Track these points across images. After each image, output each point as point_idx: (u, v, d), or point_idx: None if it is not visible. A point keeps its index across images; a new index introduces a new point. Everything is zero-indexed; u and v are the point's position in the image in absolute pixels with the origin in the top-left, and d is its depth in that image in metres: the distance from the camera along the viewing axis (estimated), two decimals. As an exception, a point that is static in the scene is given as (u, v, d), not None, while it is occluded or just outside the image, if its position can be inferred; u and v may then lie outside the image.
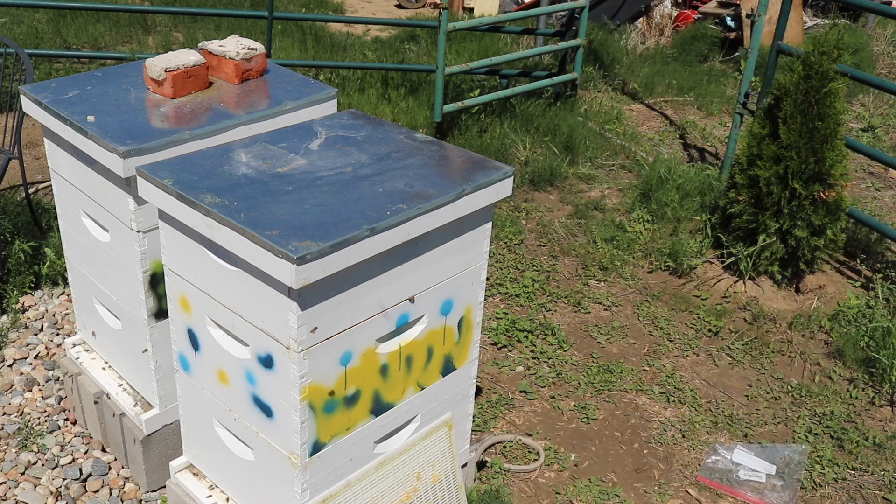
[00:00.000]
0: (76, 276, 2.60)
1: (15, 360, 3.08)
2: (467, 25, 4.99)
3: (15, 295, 3.35)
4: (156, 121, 2.17)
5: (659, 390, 3.19)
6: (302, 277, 1.59)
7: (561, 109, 5.41)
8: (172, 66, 2.27)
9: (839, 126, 3.54)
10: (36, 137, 4.79)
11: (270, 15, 5.17)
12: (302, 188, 1.83)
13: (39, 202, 3.94)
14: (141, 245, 2.17)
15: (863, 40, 7.16)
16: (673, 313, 3.66)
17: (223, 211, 1.71)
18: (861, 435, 2.98)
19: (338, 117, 2.26)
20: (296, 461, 1.86)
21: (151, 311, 2.27)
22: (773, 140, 3.63)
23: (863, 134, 5.76)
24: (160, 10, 6.00)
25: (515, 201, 4.53)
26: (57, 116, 2.19)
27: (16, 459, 2.65)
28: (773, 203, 3.60)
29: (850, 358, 3.35)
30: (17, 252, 3.41)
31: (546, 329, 3.48)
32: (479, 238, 2.06)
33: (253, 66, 2.46)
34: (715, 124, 5.83)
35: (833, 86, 3.47)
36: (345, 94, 5.55)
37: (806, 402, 3.16)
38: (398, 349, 1.97)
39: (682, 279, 3.88)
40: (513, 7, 8.08)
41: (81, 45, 6.32)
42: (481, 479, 2.71)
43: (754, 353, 3.43)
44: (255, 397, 1.89)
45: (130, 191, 2.09)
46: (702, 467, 2.82)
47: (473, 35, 6.87)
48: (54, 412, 2.85)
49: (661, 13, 7.58)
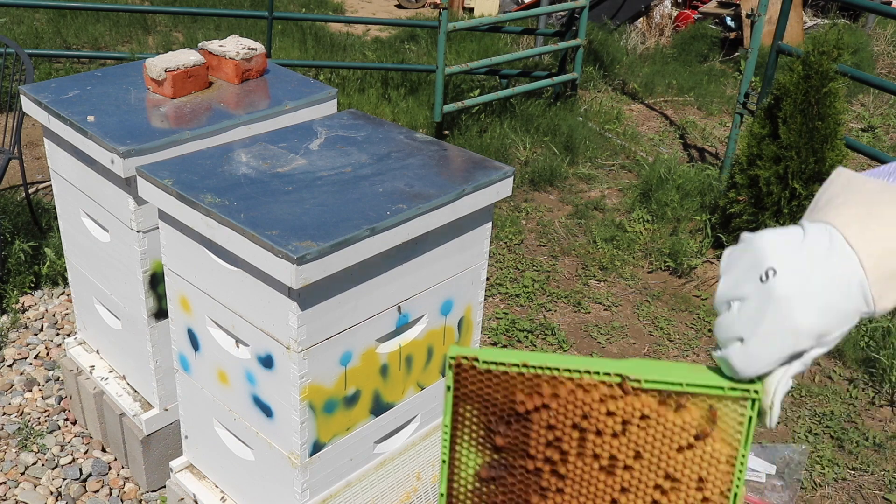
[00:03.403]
0: (76, 276, 2.60)
1: (15, 360, 3.08)
2: (467, 25, 4.99)
3: (15, 295, 3.35)
4: (156, 121, 2.17)
5: (659, 390, 3.19)
6: (302, 277, 1.59)
7: (561, 109, 5.42)
8: (172, 66, 2.27)
9: (839, 126, 3.54)
10: (36, 137, 4.79)
11: (270, 15, 5.17)
12: (302, 188, 1.83)
13: (39, 202, 3.94)
14: (141, 245, 2.17)
15: (863, 40, 7.16)
16: (673, 313, 3.66)
17: (223, 211, 1.71)
18: (861, 435, 2.98)
19: (338, 117, 2.26)
20: (296, 461, 1.85)
21: (151, 311, 2.27)
22: (773, 140, 3.63)
23: (863, 134, 5.76)
24: (160, 10, 6.01)
25: (515, 201, 4.53)
26: (57, 116, 2.19)
27: (16, 459, 2.65)
28: (773, 203, 3.60)
29: (850, 358, 3.35)
30: (17, 252, 3.41)
31: (546, 329, 3.48)
32: (479, 238, 2.06)
33: (253, 66, 2.45)
34: (715, 124, 5.83)
35: (833, 86, 3.47)
36: (345, 94, 5.55)
37: (806, 402, 3.16)
38: (398, 349, 1.97)
39: (682, 279, 3.88)
40: (513, 7, 8.08)
41: (81, 45, 6.32)
42: (481, 479, 2.71)
43: (754, 353, 3.43)
44: (255, 397, 1.89)
45: (130, 191, 2.09)
46: (702, 467, 2.82)
47: (473, 35, 6.87)
48: (54, 412, 2.85)
49: (661, 13, 7.58)
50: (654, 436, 0.85)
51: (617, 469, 0.86)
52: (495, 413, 0.87)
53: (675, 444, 0.85)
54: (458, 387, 0.86)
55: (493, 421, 0.87)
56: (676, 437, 0.85)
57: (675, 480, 0.85)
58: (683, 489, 0.85)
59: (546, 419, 0.86)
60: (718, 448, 0.85)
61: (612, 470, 0.86)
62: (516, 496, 0.88)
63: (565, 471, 0.87)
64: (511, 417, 0.86)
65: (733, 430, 0.84)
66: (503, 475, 0.88)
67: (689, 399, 0.83)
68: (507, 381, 0.85)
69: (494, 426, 0.87)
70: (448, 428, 0.88)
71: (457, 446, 0.88)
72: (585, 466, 0.86)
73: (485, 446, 0.88)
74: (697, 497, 0.85)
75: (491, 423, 0.87)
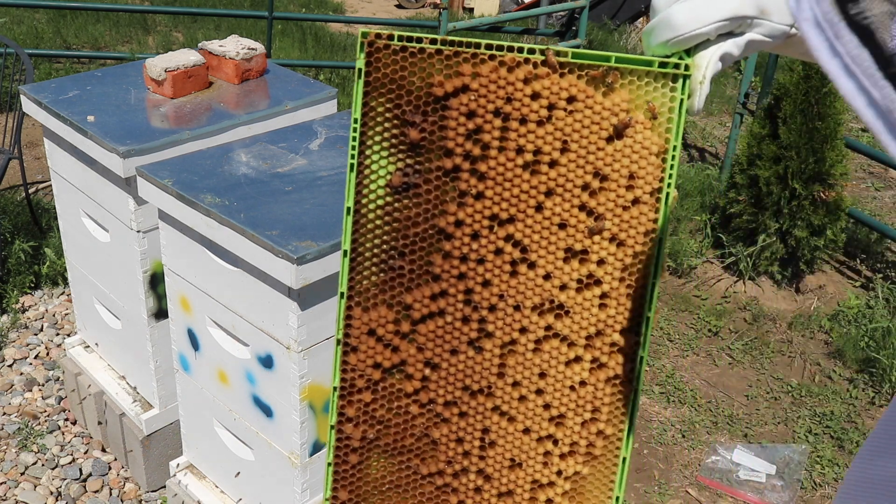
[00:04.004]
0: (76, 276, 2.60)
1: (15, 360, 3.08)
2: (467, 25, 4.99)
3: (15, 295, 3.35)
4: (156, 121, 2.17)
5: (659, 390, 3.19)
6: (302, 277, 1.59)
7: (561, 109, 5.41)
8: (172, 66, 2.27)
9: (839, 126, 3.54)
10: (36, 137, 4.79)
11: (270, 15, 5.17)
12: (302, 188, 1.83)
13: (39, 202, 3.94)
14: (141, 245, 2.17)
15: (863, 40, 7.16)
16: (673, 313, 3.66)
17: (223, 211, 1.71)
18: (861, 435, 2.98)
19: (338, 117, 2.26)
20: (296, 461, 1.85)
21: (151, 311, 2.27)
22: (773, 140, 3.63)
23: (863, 134, 5.76)
24: (160, 10, 6.01)
25: (515, 201, 4.53)
26: (57, 116, 2.19)
27: (16, 459, 2.65)
28: (773, 203, 3.60)
29: (850, 358, 3.35)
30: (17, 252, 3.41)
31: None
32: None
33: (253, 66, 2.45)
34: (715, 124, 5.83)
35: (833, 86, 3.47)
36: (345, 94, 5.55)
37: (806, 402, 3.16)
38: (398, 349, 1.96)
39: (682, 279, 3.88)
40: (513, 7, 8.08)
41: (81, 45, 6.32)
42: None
43: (754, 353, 3.43)
44: (255, 397, 1.89)
45: (130, 191, 2.08)
46: (702, 467, 2.82)
47: (473, 35, 6.88)
48: (54, 412, 2.85)
49: (661, 13, 7.57)
50: (582, 122, 0.79)
51: (542, 166, 0.79)
52: (410, 102, 0.78)
53: (603, 131, 0.79)
54: (370, 70, 0.77)
55: (408, 111, 0.78)
56: (605, 124, 0.79)
57: (604, 178, 0.80)
58: (613, 188, 0.80)
59: (466, 104, 0.78)
60: (649, 137, 0.79)
61: (536, 167, 0.79)
62: (432, 207, 0.80)
63: (486, 168, 0.79)
64: (428, 106, 0.78)
65: (664, 118, 0.79)
66: (417, 182, 0.80)
67: (619, 80, 0.79)
68: (424, 61, 0.77)
69: (409, 116, 0.78)
70: (357, 125, 0.79)
71: (367, 150, 0.80)
72: (508, 163, 0.79)
73: (398, 149, 0.80)
74: (628, 198, 0.80)
75: (406, 113, 0.78)
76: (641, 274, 0.82)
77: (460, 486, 0.87)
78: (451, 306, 0.82)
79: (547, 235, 0.81)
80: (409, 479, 0.87)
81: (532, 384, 0.84)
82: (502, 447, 0.86)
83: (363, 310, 0.83)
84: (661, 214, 0.80)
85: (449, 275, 0.81)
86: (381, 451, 0.87)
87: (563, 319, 0.83)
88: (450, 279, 0.82)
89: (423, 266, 0.82)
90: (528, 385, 0.84)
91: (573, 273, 0.82)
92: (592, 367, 0.84)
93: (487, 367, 0.84)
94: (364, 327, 0.84)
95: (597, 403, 0.85)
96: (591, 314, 0.83)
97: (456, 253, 0.81)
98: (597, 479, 0.87)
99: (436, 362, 0.84)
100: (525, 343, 0.83)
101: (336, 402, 0.85)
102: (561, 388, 0.84)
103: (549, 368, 0.84)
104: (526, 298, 0.82)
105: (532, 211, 0.80)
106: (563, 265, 0.82)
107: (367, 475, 0.87)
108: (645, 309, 0.82)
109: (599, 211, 0.80)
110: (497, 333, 0.83)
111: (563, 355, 0.84)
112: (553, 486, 0.87)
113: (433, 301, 0.82)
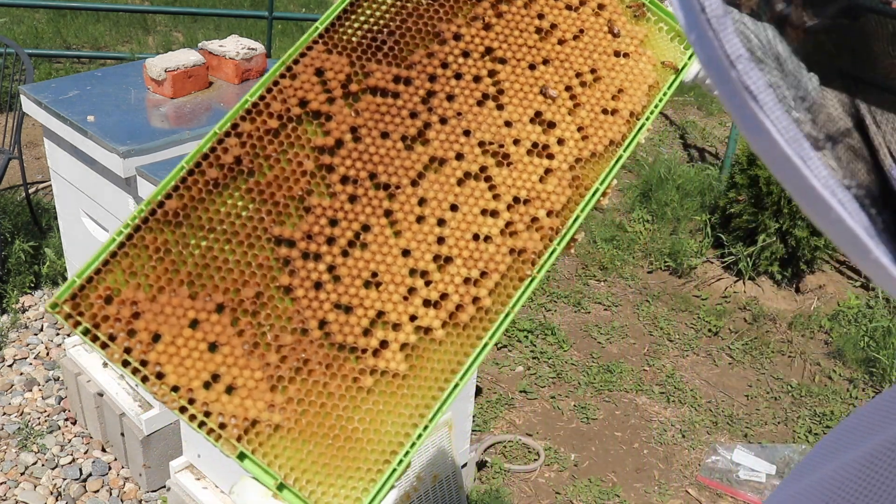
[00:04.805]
0: (76, 276, 2.60)
1: (15, 360, 3.08)
2: None
3: (15, 295, 3.35)
4: (156, 121, 2.17)
5: (659, 390, 3.19)
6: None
7: (561, 109, 5.41)
8: (172, 66, 2.27)
9: (839, 126, 3.54)
10: (36, 137, 4.79)
11: (270, 15, 5.17)
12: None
13: (39, 202, 3.94)
14: (141, 245, 2.17)
15: (863, 40, 7.16)
16: (673, 313, 3.66)
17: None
18: (861, 435, 2.98)
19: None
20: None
21: (151, 311, 2.27)
22: (773, 140, 3.63)
23: (863, 134, 5.76)
24: (160, 10, 6.01)
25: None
26: (57, 116, 2.19)
27: (16, 459, 2.65)
28: (772, 203, 3.60)
29: (850, 358, 3.36)
30: (17, 252, 3.41)
31: (546, 329, 3.48)
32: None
33: (253, 66, 2.46)
34: (715, 124, 5.83)
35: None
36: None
37: (806, 402, 3.16)
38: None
39: (682, 279, 3.88)
40: None
41: (81, 45, 6.32)
42: (481, 479, 2.71)
43: (754, 353, 3.43)
44: (255, 397, 1.89)
45: (130, 191, 2.09)
46: (702, 467, 2.82)
47: None
48: (54, 412, 2.86)
49: (661, 13, 7.58)
50: (603, 28, 0.89)
51: (552, 38, 0.87)
52: None
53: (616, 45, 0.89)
54: None
55: None
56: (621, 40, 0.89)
57: (598, 79, 0.87)
58: (601, 89, 0.87)
59: None
60: (650, 71, 0.89)
61: (546, 37, 0.87)
62: (444, 13, 0.85)
63: (505, 9, 0.87)
64: None
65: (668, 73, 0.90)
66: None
67: (646, 16, 0.91)
68: None
69: None
70: None
71: None
72: (526, 18, 0.87)
73: None
74: (609, 105, 0.87)
75: None
76: (588, 179, 0.84)
77: (301, 269, 0.74)
78: (409, 95, 0.81)
79: (527, 91, 0.85)
80: (252, 232, 0.75)
81: (439, 210, 0.79)
82: (370, 255, 0.76)
83: (326, 50, 0.81)
84: (629, 140, 0.87)
85: (421, 69, 0.82)
86: (243, 191, 0.75)
87: (501, 169, 0.82)
88: (420, 74, 0.82)
89: (402, 51, 0.82)
90: (434, 209, 0.79)
91: (533, 135, 0.84)
92: (504, 230, 0.80)
93: (407, 167, 0.79)
94: (317, 62, 0.80)
95: (490, 267, 0.79)
96: (529, 179, 0.82)
97: (439, 55, 0.83)
98: (446, 351, 0.77)
99: (361, 134, 0.79)
100: (454, 168, 0.80)
101: (236, 112, 0.77)
102: (465, 230, 0.79)
103: (464, 205, 0.80)
104: (479, 130, 0.82)
105: (525, 65, 0.85)
106: (527, 123, 0.84)
107: (213, 204, 0.74)
108: (577, 210, 0.83)
109: (581, 100, 0.86)
110: (434, 143, 0.80)
111: (484, 202, 0.80)
112: (397, 329, 0.75)
113: (394, 83, 0.81)
